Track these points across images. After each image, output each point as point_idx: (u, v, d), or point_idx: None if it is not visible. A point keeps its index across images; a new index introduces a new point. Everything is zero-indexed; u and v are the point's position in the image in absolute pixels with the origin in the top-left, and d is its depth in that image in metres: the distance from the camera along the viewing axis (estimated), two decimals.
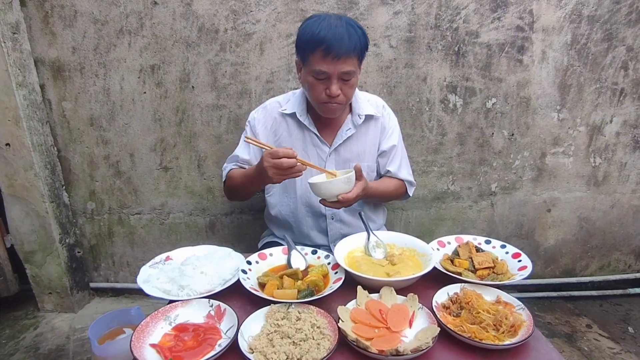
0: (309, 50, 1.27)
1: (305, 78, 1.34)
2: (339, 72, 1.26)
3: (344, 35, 1.23)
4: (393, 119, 1.59)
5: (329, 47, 1.22)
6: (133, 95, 2.01)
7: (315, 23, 1.26)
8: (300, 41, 1.31)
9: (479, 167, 2.18)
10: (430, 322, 0.95)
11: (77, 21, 1.90)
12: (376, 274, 1.14)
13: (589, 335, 2.09)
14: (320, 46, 1.23)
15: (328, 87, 1.29)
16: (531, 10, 1.92)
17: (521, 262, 1.20)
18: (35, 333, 2.08)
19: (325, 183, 1.26)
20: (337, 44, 1.22)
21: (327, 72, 1.26)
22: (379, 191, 1.50)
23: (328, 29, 1.23)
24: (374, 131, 1.53)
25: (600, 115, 2.12)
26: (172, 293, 1.08)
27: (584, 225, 2.33)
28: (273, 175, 1.23)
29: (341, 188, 1.25)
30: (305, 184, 1.51)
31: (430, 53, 1.97)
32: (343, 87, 1.31)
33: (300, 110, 1.47)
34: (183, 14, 1.88)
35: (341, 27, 1.24)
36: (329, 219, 1.55)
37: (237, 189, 1.53)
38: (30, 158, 1.92)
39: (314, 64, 1.27)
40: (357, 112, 1.48)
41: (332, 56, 1.23)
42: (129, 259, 2.33)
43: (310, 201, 1.53)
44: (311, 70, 1.29)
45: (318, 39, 1.23)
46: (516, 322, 0.92)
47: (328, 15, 1.29)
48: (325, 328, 0.93)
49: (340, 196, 1.25)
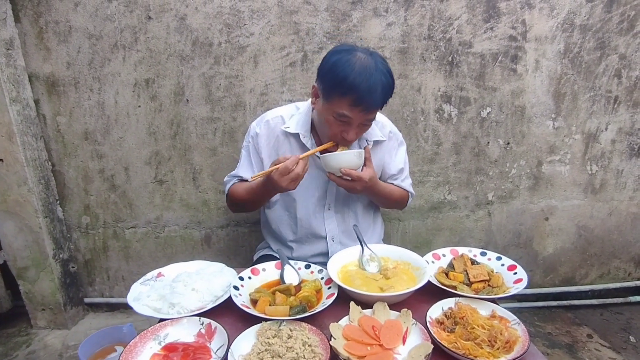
0: (337, 92, 1.20)
1: (323, 112, 1.28)
2: (363, 120, 1.25)
3: (378, 87, 1.18)
4: (399, 138, 1.56)
5: (361, 99, 1.17)
6: (128, 109, 2.01)
7: (348, 64, 1.17)
8: (328, 77, 1.22)
9: (475, 177, 2.17)
10: (424, 338, 0.93)
11: (72, 36, 1.90)
12: (370, 288, 1.12)
13: (590, 345, 2.06)
14: (351, 95, 1.17)
15: (346, 131, 1.26)
16: (524, 20, 1.93)
17: (517, 274, 1.18)
18: (27, 351, 2.05)
19: (335, 154, 1.27)
20: (369, 98, 1.17)
21: (350, 118, 1.22)
22: (385, 191, 1.48)
23: (362, 78, 1.15)
24: (380, 155, 1.50)
25: (595, 123, 2.12)
26: (163, 311, 1.06)
27: (582, 233, 2.31)
28: (292, 187, 1.25)
29: (350, 160, 1.26)
30: (305, 205, 1.49)
31: (424, 63, 1.97)
32: (359, 131, 1.30)
33: (304, 131, 1.41)
34: (177, 28, 1.89)
35: (376, 77, 1.17)
36: (330, 241, 1.53)
37: (243, 203, 1.49)
38: (23, 173, 1.91)
39: (340, 107, 1.21)
40: (366, 137, 1.44)
41: (361, 108, 1.19)
42: (124, 273, 2.31)
43: (310, 223, 1.51)
44: (334, 111, 1.23)
45: (350, 87, 1.16)
46: (511, 337, 0.90)
47: (361, 54, 1.20)
48: (317, 346, 0.91)
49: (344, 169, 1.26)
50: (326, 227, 1.52)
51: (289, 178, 1.21)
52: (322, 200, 1.50)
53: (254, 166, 1.48)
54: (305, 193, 1.47)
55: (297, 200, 1.48)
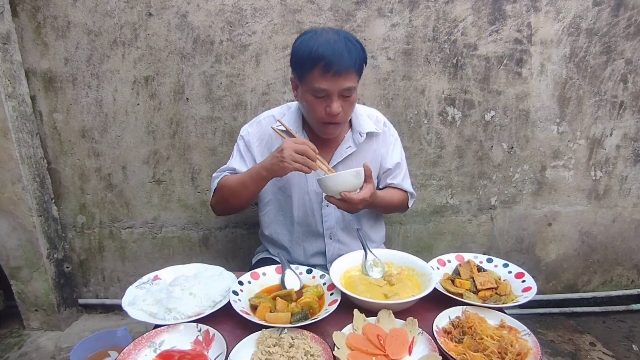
0: (307, 67, 1.21)
1: (303, 97, 1.28)
2: (340, 89, 1.22)
3: (343, 50, 1.18)
4: (394, 133, 1.55)
5: (329, 64, 1.17)
6: (126, 107, 1.97)
7: (312, 39, 1.20)
8: (297, 58, 1.25)
9: (478, 181, 2.14)
10: (431, 349, 0.90)
11: (70, 32, 1.87)
12: (373, 295, 1.09)
13: (593, 353, 2.03)
14: (319, 63, 1.17)
15: (328, 105, 1.24)
16: (529, 23, 1.91)
17: (525, 282, 1.15)
18: (19, 353, 2.00)
19: (333, 176, 1.23)
20: (337, 60, 1.17)
21: (327, 90, 1.21)
22: (385, 201, 1.46)
23: (326, 45, 1.17)
24: (375, 148, 1.48)
25: (600, 128, 2.09)
26: (159, 316, 1.02)
27: (585, 239, 2.28)
28: (288, 156, 1.18)
29: (349, 182, 1.22)
30: (302, 204, 1.46)
31: (428, 65, 1.95)
32: (343, 105, 1.26)
33: (295, 127, 1.40)
34: (178, 25, 1.86)
35: (340, 42, 1.19)
36: (327, 239, 1.49)
37: (229, 197, 1.40)
38: (18, 171, 1.87)
39: (313, 81, 1.21)
40: (358, 129, 1.42)
41: (332, 73, 1.18)
42: (119, 274, 2.26)
43: (307, 221, 1.47)
44: (310, 89, 1.23)
45: (316, 56, 1.17)
46: (522, 349, 0.87)
47: (324, 30, 1.23)
48: (320, 356, 0.87)
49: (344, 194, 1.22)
50: (324, 224, 1.48)
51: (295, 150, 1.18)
52: (319, 196, 1.45)
53: (246, 161, 1.44)
54: (301, 189, 1.44)
55: (292, 196, 1.45)
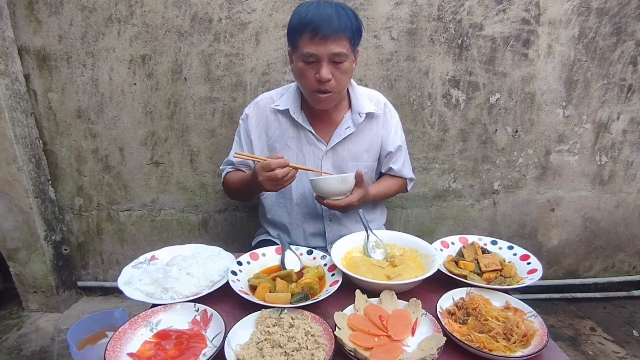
0: (297, 33, 1.22)
1: (295, 65, 1.28)
2: (329, 53, 1.20)
3: (333, 15, 1.19)
4: (395, 116, 1.52)
5: (317, 28, 1.17)
6: (123, 87, 1.93)
7: (304, 7, 1.23)
8: (290, 28, 1.26)
9: (481, 165, 2.10)
10: (435, 330, 0.87)
11: (64, 8, 1.81)
12: (375, 276, 1.07)
13: (594, 338, 2.03)
14: (308, 27, 1.18)
15: (318, 72, 1.22)
16: (537, 2, 1.85)
17: (530, 264, 1.12)
18: (18, 334, 1.99)
19: (319, 180, 1.27)
20: (325, 24, 1.17)
21: (316, 54, 1.20)
22: (380, 195, 1.48)
23: (316, 11, 1.19)
24: (375, 130, 1.45)
25: (607, 112, 2.05)
26: (155, 296, 1.00)
27: (588, 225, 2.26)
28: (269, 187, 1.24)
29: (336, 187, 1.26)
30: (301, 185, 1.45)
31: (432, 46, 1.89)
32: (335, 73, 1.24)
33: (294, 107, 1.39)
34: (175, 2, 1.80)
35: (330, 9, 1.20)
36: (327, 221, 1.48)
37: (236, 193, 1.52)
38: (12, 151, 1.83)
39: (303, 47, 1.21)
40: (358, 109, 1.40)
41: (320, 36, 1.18)
42: (118, 256, 2.25)
43: (306, 202, 1.46)
44: (300, 55, 1.23)
45: (305, 21, 1.19)
46: (528, 331, 0.85)
47: (318, 1, 1.24)
48: (321, 336, 0.85)
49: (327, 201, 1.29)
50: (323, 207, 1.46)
51: (267, 176, 1.20)
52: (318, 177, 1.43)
53: (244, 148, 1.48)
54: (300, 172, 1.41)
55: None
